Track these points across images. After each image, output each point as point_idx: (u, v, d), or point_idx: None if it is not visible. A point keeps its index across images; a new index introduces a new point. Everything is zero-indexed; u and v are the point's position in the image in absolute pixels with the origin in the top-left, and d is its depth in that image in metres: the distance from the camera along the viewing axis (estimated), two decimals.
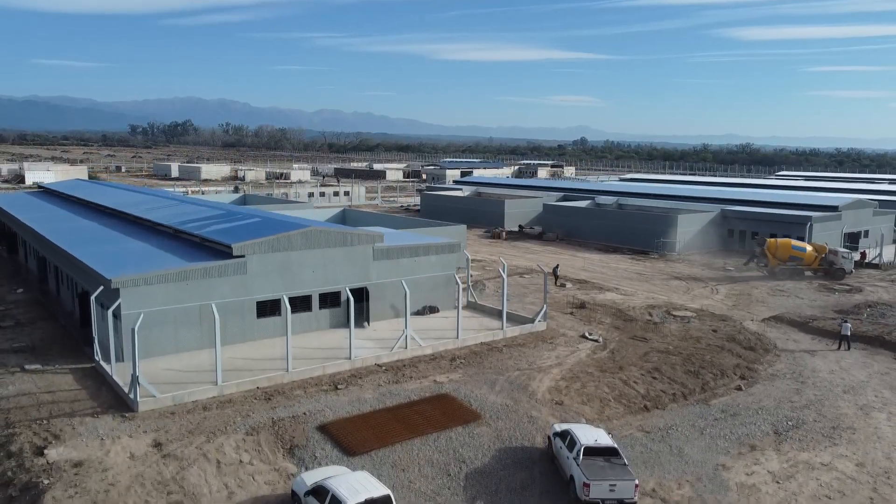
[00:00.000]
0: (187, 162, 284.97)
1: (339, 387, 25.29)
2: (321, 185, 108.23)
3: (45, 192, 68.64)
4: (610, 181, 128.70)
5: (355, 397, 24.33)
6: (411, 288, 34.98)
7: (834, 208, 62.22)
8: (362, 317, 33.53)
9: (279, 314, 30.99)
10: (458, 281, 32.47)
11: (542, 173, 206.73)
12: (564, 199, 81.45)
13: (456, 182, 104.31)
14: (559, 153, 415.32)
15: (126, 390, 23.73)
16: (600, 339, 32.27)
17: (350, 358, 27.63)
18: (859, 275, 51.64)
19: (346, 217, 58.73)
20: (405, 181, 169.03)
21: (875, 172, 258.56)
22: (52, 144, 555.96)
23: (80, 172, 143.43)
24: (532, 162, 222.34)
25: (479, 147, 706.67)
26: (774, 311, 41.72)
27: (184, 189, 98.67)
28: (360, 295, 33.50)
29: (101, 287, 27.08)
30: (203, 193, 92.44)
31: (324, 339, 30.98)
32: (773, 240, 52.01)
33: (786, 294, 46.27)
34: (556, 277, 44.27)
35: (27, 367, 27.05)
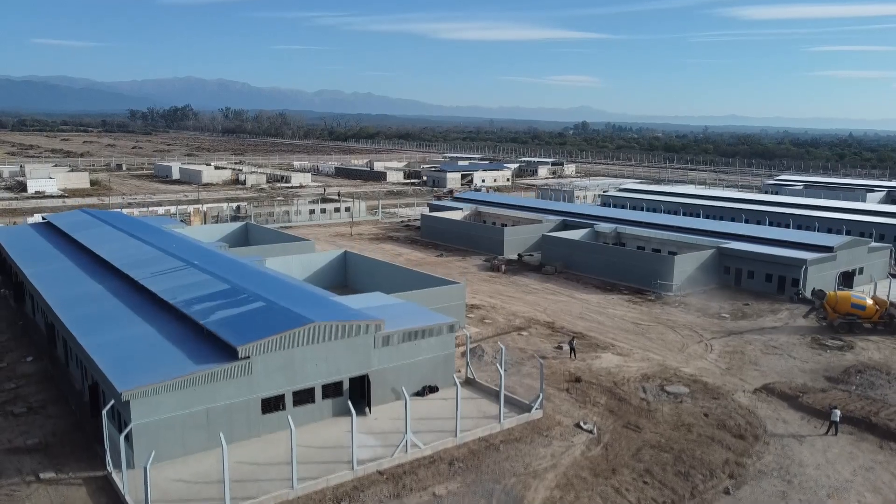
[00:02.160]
0: (188, 155, 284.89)
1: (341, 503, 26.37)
2: (321, 202, 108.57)
3: (48, 226, 69.23)
4: (610, 192, 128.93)
5: None
6: (411, 370, 36.11)
7: (829, 248, 62.91)
8: (363, 402, 34.52)
9: (284, 409, 32.08)
10: (457, 381, 33.24)
11: (543, 171, 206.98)
12: (563, 225, 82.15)
13: (456, 198, 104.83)
14: (560, 143, 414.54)
15: None
16: (594, 431, 33.28)
17: (353, 468, 28.65)
18: (850, 328, 52.37)
19: (347, 261, 59.65)
20: (405, 183, 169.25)
21: (876, 167, 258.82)
22: (52, 131, 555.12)
23: (82, 178, 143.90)
24: (532, 159, 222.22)
25: (480, 132, 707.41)
26: (767, 375, 42.74)
27: (186, 207, 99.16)
28: (362, 382, 34.49)
29: (113, 401, 28.08)
30: (205, 215, 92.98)
31: (327, 432, 31.98)
32: (832, 293, 52.24)
33: (779, 352, 47.22)
34: (573, 350, 44.34)
35: (41, 475, 28.12)
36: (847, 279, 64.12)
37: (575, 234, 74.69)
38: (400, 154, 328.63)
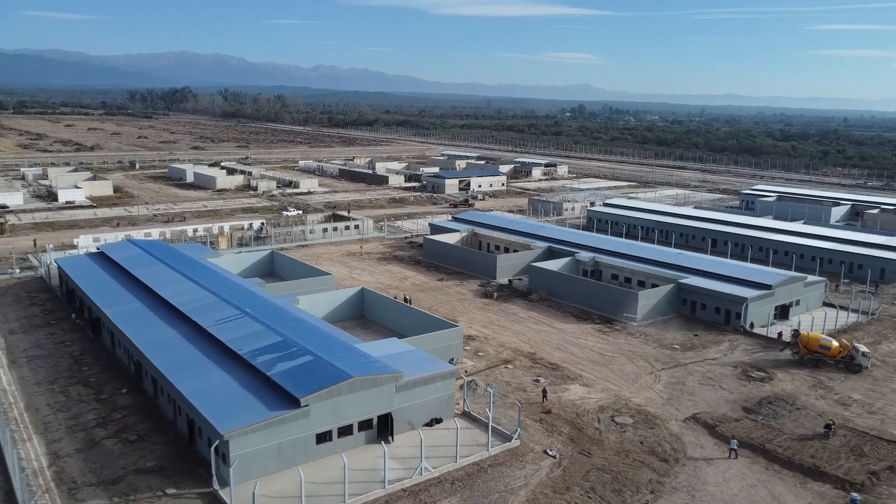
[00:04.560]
0: (193, 147, 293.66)
1: None
2: (333, 219, 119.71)
3: (103, 257, 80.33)
4: (597, 204, 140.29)
5: None
6: (422, 407, 48.04)
7: (768, 286, 74.67)
8: (387, 432, 46.43)
9: (331, 440, 44.01)
10: (457, 422, 45.07)
11: (537, 172, 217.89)
12: (549, 252, 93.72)
13: (455, 218, 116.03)
14: (555, 132, 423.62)
15: None
16: (557, 456, 45.33)
17: (384, 487, 40.66)
18: (777, 360, 64.47)
19: (363, 297, 71.31)
20: (406, 187, 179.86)
21: (857, 165, 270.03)
22: (53, 113, 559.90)
23: (106, 186, 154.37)
24: (526, 160, 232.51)
25: (478, 115, 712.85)
26: (698, 405, 54.76)
27: (210, 226, 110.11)
28: (386, 418, 46.39)
29: (216, 441, 39.90)
30: (231, 237, 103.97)
31: (362, 458, 43.79)
32: (805, 333, 63.04)
33: (712, 383, 59.26)
34: (545, 397, 54.41)
35: (167, 491, 40.04)
36: (784, 311, 76.05)
37: (557, 264, 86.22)
38: (399, 146, 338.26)
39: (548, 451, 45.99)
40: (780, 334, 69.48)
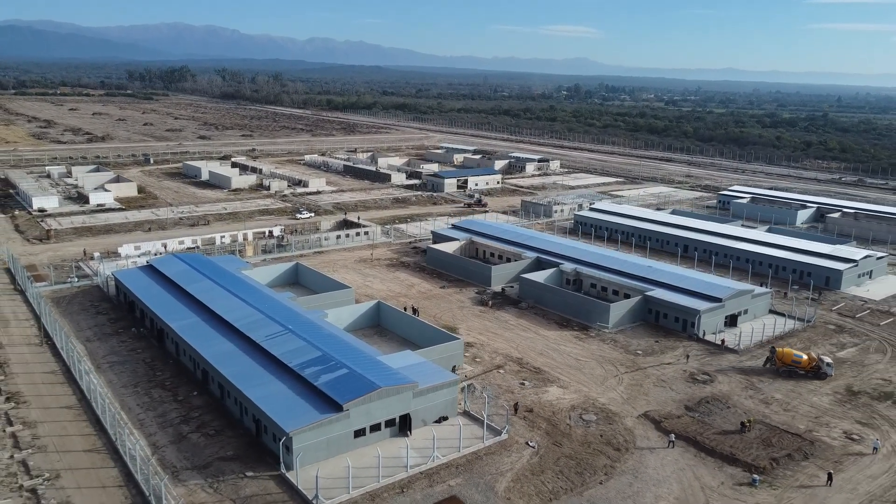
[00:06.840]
0: (200, 137, 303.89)
1: (404, 490, 52.60)
2: (345, 225, 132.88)
3: (153, 271, 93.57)
4: (584, 211, 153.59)
5: (409, 500, 51.69)
6: (433, 408, 62.11)
7: (719, 300, 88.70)
8: (406, 428, 60.54)
9: (365, 435, 58.09)
10: (459, 421, 59.14)
11: (530, 168, 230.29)
12: (537, 262, 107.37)
13: (454, 226, 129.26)
14: (550, 118, 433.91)
15: (310, 497, 51.00)
16: (536, 446, 59.58)
17: (407, 470, 54.87)
18: (719, 364, 78.76)
19: (380, 309, 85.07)
20: (408, 186, 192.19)
21: (836, 158, 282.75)
22: (54, 94, 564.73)
23: (131, 188, 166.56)
24: (521, 156, 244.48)
25: (475, 93, 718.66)
26: (650, 404, 68.96)
27: (235, 233, 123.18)
28: (405, 417, 60.45)
29: (283, 437, 53.87)
30: (256, 245, 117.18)
31: (388, 448, 57.80)
32: (780, 350, 76.52)
33: (664, 385, 73.46)
34: (516, 410, 66.96)
35: (247, 473, 54.09)
36: (733, 319, 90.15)
37: (543, 275, 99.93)
38: (398, 134, 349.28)
39: (529, 442, 60.22)
40: (723, 341, 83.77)
